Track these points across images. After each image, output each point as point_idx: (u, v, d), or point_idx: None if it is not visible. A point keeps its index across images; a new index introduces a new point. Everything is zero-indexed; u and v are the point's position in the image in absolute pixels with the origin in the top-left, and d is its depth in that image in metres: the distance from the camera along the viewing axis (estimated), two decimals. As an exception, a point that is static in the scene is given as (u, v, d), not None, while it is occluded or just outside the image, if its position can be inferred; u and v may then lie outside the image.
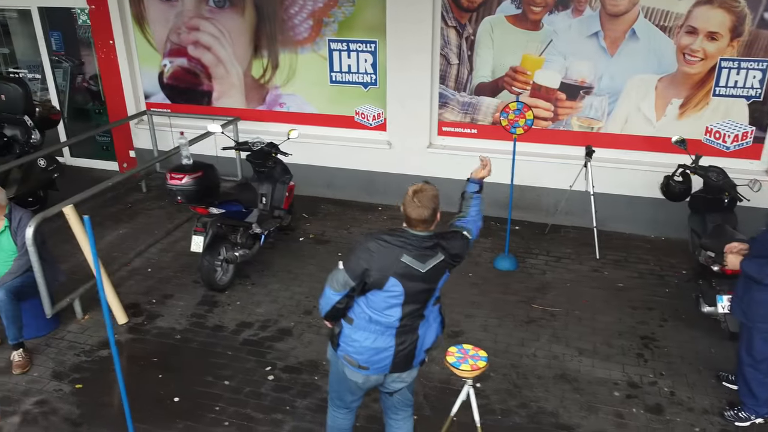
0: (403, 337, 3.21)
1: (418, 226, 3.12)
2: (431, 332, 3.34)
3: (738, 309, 4.06)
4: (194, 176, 5.19)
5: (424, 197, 3.09)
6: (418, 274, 3.08)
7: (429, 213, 3.08)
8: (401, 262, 3.06)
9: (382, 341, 3.20)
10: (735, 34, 6.04)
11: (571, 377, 4.68)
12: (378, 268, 3.06)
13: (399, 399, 3.51)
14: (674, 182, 5.81)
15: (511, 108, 5.68)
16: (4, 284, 4.72)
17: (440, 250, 3.14)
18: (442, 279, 3.20)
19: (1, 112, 7.02)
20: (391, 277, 3.06)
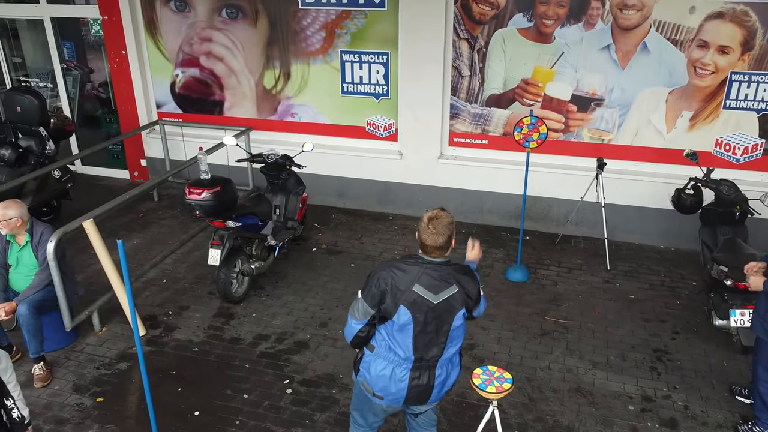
0: (418, 372, 3.20)
1: (433, 252, 3.14)
2: (455, 373, 3.34)
3: (760, 327, 4.08)
4: (213, 191, 5.25)
5: (440, 224, 3.11)
6: (429, 305, 3.08)
7: (444, 240, 3.11)
8: (413, 291, 3.07)
9: (398, 373, 3.20)
10: (746, 48, 6.09)
11: (586, 391, 4.73)
12: (393, 297, 3.08)
13: (424, 420, 3.55)
14: (685, 195, 5.85)
15: (524, 122, 5.73)
16: (26, 299, 4.77)
17: (455, 283, 3.13)
18: (457, 318, 3.14)
19: (16, 123, 7.08)
20: (402, 306, 3.08)
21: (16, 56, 9.20)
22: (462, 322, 3.20)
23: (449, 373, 3.31)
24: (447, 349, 3.21)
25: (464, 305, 3.16)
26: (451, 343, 3.21)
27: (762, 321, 4.06)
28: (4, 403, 3.09)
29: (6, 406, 3.09)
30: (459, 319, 3.16)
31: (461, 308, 3.14)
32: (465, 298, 3.15)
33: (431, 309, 3.08)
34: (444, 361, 3.24)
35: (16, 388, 3.17)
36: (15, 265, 4.93)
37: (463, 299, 3.15)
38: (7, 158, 6.83)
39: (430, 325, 3.11)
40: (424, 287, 3.08)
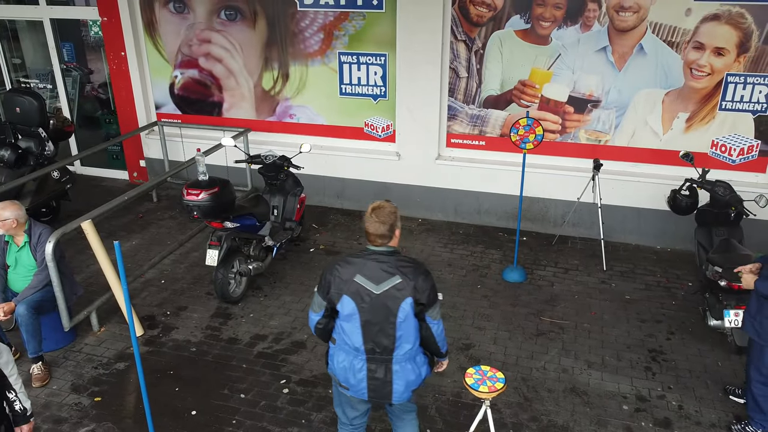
0: (374, 365, 3.27)
1: (375, 241, 3.25)
2: (416, 372, 3.34)
3: (751, 327, 4.11)
4: (211, 192, 5.28)
5: (382, 213, 3.23)
6: (372, 295, 3.17)
7: (386, 228, 3.21)
8: (354, 281, 3.19)
9: (356, 364, 3.29)
10: (741, 50, 6.12)
11: (581, 390, 4.76)
12: (336, 287, 3.22)
13: (399, 408, 3.59)
14: (681, 196, 5.88)
15: (521, 124, 5.76)
16: (25, 299, 4.81)
17: (399, 274, 3.17)
18: (402, 309, 3.17)
19: (16, 124, 7.11)
20: (345, 296, 3.20)
21: (16, 57, 9.24)
22: (409, 315, 3.20)
23: (412, 372, 3.33)
24: (400, 343, 3.24)
25: (413, 297, 3.18)
26: (403, 337, 3.24)
27: (753, 321, 4.09)
28: (7, 396, 3.16)
29: (8, 398, 3.16)
30: (404, 310, 3.18)
31: (406, 298, 3.17)
32: (412, 290, 3.17)
33: (374, 299, 3.17)
34: (401, 357, 3.28)
35: (17, 381, 3.24)
36: (14, 265, 4.96)
37: (411, 290, 3.17)
38: (7, 159, 6.87)
39: (376, 316, 3.18)
40: (366, 277, 3.18)
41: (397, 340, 3.22)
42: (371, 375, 3.27)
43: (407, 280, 3.17)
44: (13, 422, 3.21)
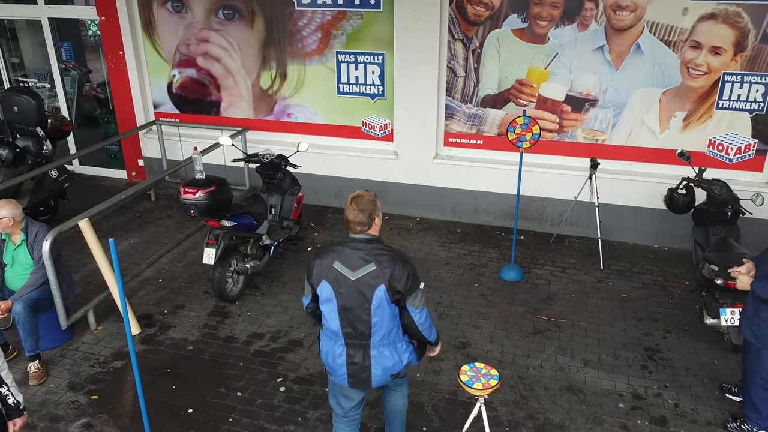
0: (352, 351, 3.38)
1: (354, 228, 3.34)
2: (394, 358, 3.43)
3: (748, 330, 4.09)
4: (207, 191, 5.29)
5: (361, 201, 3.33)
6: (348, 281, 3.28)
7: (365, 216, 3.30)
8: (333, 267, 3.30)
9: (336, 348, 3.43)
10: (738, 49, 6.13)
11: (577, 389, 4.76)
12: (317, 272, 3.36)
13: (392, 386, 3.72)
14: (678, 195, 5.89)
15: (518, 122, 5.77)
16: (22, 297, 4.81)
17: (374, 262, 3.26)
18: (376, 296, 3.26)
19: (14, 123, 7.12)
20: (323, 281, 3.33)
21: (14, 57, 9.25)
22: (385, 302, 3.27)
23: (390, 358, 3.42)
24: (376, 329, 3.33)
25: (386, 285, 3.25)
26: (378, 323, 3.32)
27: (750, 324, 4.07)
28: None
29: (1, 393, 3.15)
30: (378, 297, 3.26)
31: (379, 285, 3.24)
32: (388, 278, 3.24)
33: (350, 285, 3.28)
34: (377, 342, 3.37)
35: (8, 376, 3.25)
36: (10, 264, 4.97)
37: (386, 278, 3.24)
38: (5, 158, 6.88)
39: (351, 301, 3.30)
40: (343, 264, 3.29)
41: (372, 326, 3.32)
42: (350, 360, 3.38)
43: (382, 268, 3.25)
44: (6, 416, 3.22)
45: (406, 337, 3.49)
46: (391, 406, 3.84)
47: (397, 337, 3.43)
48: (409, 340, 3.51)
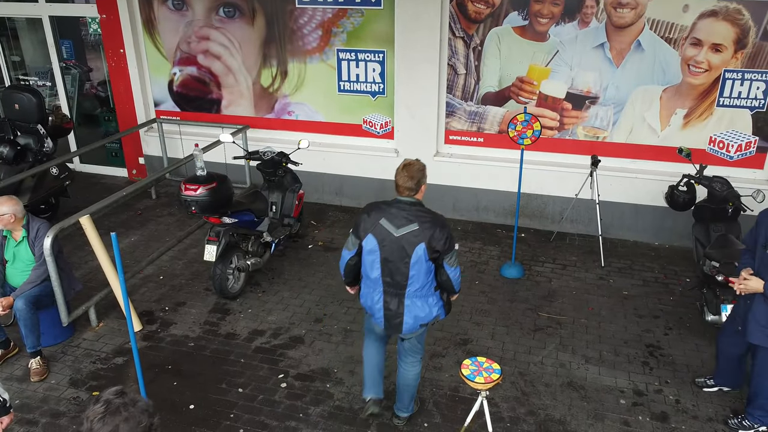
0: (389, 299, 3.81)
1: (403, 192, 3.74)
2: (425, 310, 3.83)
3: (762, 336, 4.01)
4: (208, 187, 5.29)
5: (412, 169, 3.72)
6: (392, 237, 3.68)
7: (413, 183, 3.70)
8: (379, 224, 3.71)
9: (375, 295, 3.86)
10: (739, 46, 6.13)
11: (578, 385, 4.76)
12: (364, 227, 3.77)
13: (409, 346, 4.06)
14: (679, 192, 5.89)
15: (518, 119, 5.77)
16: (23, 294, 4.81)
17: (418, 222, 3.66)
18: (416, 252, 3.64)
19: (15, 121, 7.12)
20: (370, 234, 3.74)
21: (15, 55, 9.25)
22: (423, 259, 3.67)
23: (422, 309, 3.82)
24: (411, 281, 3.74)
25: (426, 244, 3.64)
26: (414, 277, 3.72)
27: (763, 329, 3.99)
28: None
29: None
30: (417, 254, 3.66)
31: (420, 243, 3.64)
32: (428, 238, 3.64)
33: (393, 240, 3.68)
34: (411, 293, 3.77)
35: None
36: (12, 260, 4.97)
37: (427, 237, 3.64)
38: (6, 155, 6.88)
39: (393, 254, 3.70)
40: (389, 221, 3.70)
41: (409, 278, 3.72)
42: (386, 306, 3.83)
43: (423, 228, 3.64)
44: None
45: (437, 293, 3.88)
46: (400, 378, 4.18)
47: (430, 292, 3.82)
48: (439, 296, 3.90)
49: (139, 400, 1.96)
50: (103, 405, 1.92)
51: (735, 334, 4.29)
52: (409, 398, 4.24)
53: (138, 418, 1.91)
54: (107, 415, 1.90)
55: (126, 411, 1.89)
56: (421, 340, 4.07)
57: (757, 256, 4.04)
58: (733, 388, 4.64)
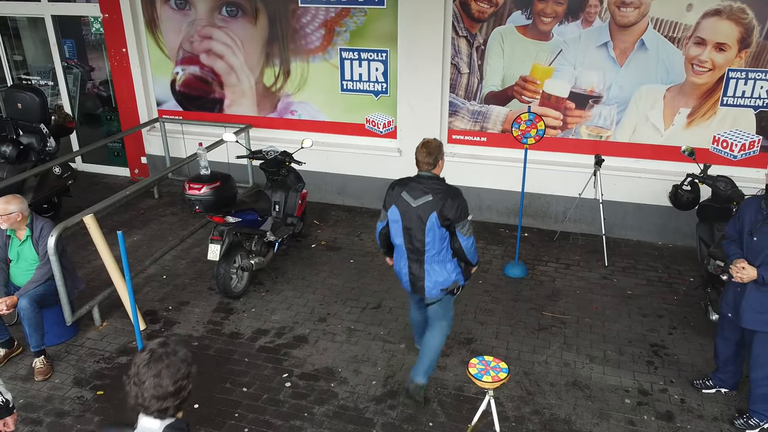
0: (412, 264, 4.28)
1: (423, 167, 4.18)
2: (443, 274, 4.25)
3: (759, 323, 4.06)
4: (212, 186, 5.28)
5: (430, 146, 4.17)
6: (411, 207, 4.13)
7: (431, 158, 4.14)
8: (401, 196, 4.19)
9: (401, 261, 4.35)
10: (743, 45, 6.12)
11: (583, 384, 4.76)
12: (389, 200, 4.27)
13: (433, 313, 4.48)
14: (683, 191, 5.89)
15: (522, 119, 5.77)
16: (27, 293, 4.81)
17: (431, 194, 4.08)
18: (430, 220, 4.08)
19: (17, 120, 7.11)
20: (393, 205, 4.23)
21: (17, 54, 9.25)
22: (436, 226, 4.09)
23: (441, 275, 4.25)
24: (428, 248, 4.18)
25: (439, 212, 4.06)
26: (430, 243, 4.16)
27: (760, 316, 4.03)
28: None
29: None
30: (431, 221, 4.09)
31: (432, 212, 4.06)
32: (440, 207, 4.06)
33: (412, 210, 4.14)
34: (430, 259, 4.21)
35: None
36: (16, 259, 4.96)
37: (439, 207, 4.06)
38: (8, 155, 6.88)
39: (412, 222, 4.16)
40: (408, 194, 4.16)
41: (426, 244, 4.17)
42: (410, 271, 4.31)
43: (436, 199, 4.07)
44: None
45: (455, 260, 4.29)
46: (424, 344, 4.52)
47: (447, 258, 4.25)
48: (457, 263, 4.31)
49: (180, 351, 2.24)
50: (148, 353, 2.18)
51: (729, 328, 4.34)
52: (428, 364, 4.48)
53: (178, 365, 2.19)
54: (152, 362, 2.15)
55: (168, 359, 2.16)
56: (445, 308, 4.45)
57: (744, 244, 4.11)
58: (731, 389, 4.63)
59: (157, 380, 2.14)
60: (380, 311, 5.70)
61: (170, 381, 2.15)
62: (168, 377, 2.15)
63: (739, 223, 4.20)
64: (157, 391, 2.13)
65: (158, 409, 2.15)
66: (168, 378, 2.15)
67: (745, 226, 4.12)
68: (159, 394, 2.14)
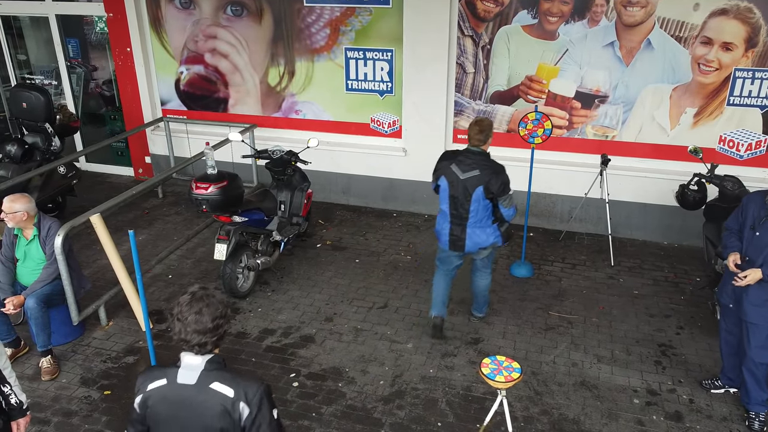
0: (454, 228, 4.85)
1: (473, 142, 4.74)
2: (483, 236, 4.85)
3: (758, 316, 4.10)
4: (219, 186, 5.27)
5: (483, 123, 4.74)
6: (458, 179, 4.69)
7: (482, 135, 4.72)
8: (450, 168, 4.74)
9: (444, 223, 4.92)
10: (750, 45, 6.11)
11: (591, 384, 4.75)
12: (440, 170, 4.84)
13: (480, 264, 5.22)
14: (690, 191, 5.87)
15: (529, 118, 5.76)
16: (34, 292, 4.80)
17: (479, 169, 4.65)
18: (476, 192, 4.66)
19: (22, 119, 7.11)
20: (443, 176, 4.80)
21: (21, 54, 9.24)
22: (481, 198, 4.68)
23: (480, 237, 4.84)
24: (471, 215, 4.76)
25: (485, 186, 4.64)
26: (473, 211, 4.74)
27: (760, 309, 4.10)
28: (1, 390, 3.10)
29: (3, 392, 3.10)
30: (477, 194, 4.67)
31: (479, 186, 4.64)
32: (485, 182, 4.63)
33: (459, 181, 4.71)
34: (472, 224, 4.80)
35: (11, 375, 3.18)
36: (23, 259, 4.95)
37: (484, 182, 4.63)
38: (13, 154, 6.87)
39: (459, 192, 4.73)
40: (457, 166, 4.72)
41: (470, 212, 4.75)
42: (452, 232, 4.88)
43: (482, 174, 4.63)
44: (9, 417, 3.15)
45: (495, 225, 4.88)
46: (474, 286, 5.34)
47: (487, 224, 4.84)
48: (497, 228, 4.88)
49: (218, 294, 2.48)
50: (189, 294, 2.44)
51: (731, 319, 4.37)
52: (483, 301, 5.40)
53: (216, 305, 2.43)
54: (193, 301, 2.40)
55: (207, 299, 2.41)
56: (488, 260, 5.17)
57: (746, 238, 4.15)
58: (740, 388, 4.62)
59: (198, 317, 2.36)
60: (387, 311, 5.69)
61: (209, 318, 2.37)
62: (208, 315, 2.37)
63: (741, 216, 4.22)
64: (198, 326, 2.36)
65: (198, 344, 2.37)
66: (208, 315, 2.37)
67: (747, 220, 4.14)
68: (200, 329, 2.36)
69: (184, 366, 2.42)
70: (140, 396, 2.46)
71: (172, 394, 2.40)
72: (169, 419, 2.42)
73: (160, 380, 2.43)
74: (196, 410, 2.37)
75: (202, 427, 2.37)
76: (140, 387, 2.47)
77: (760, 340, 4.16)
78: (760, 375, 4.24)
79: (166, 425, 2.43)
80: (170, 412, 2.41)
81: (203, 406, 2.36)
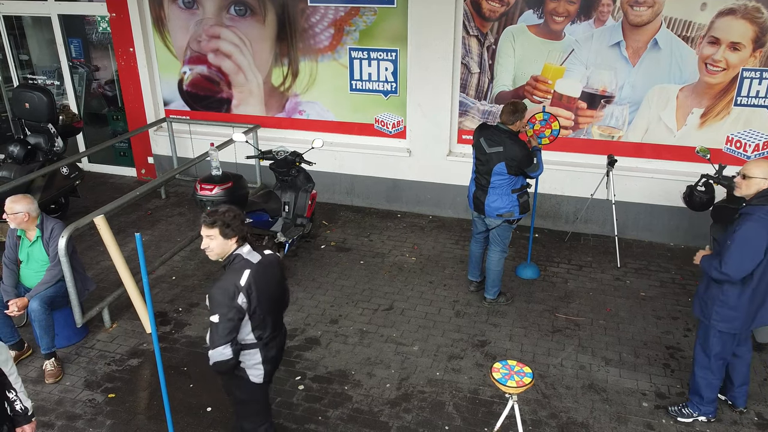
0: (478, 192, 5.37)
1: (503, 119, 5.19)
2: (501, 202, 5.27)
3: (697, 307, 4.15)
4: (224, 187, 5.24)
5: (517, 105, 5.14)
6: (485, 151, 5.20)
7: (512, 116, 5.14)
8: (479, 141, 5.25)
9: (472, 187, 5.47)
10: (757, 45, 6.07)
11: (599, 387, 4.70)
12: (473, 144, 5.37)
13: (492, 237, 5.53)
14: (697, 192, 5.81)
15: (537, 118, 5.72)
16: (38, 294, 4.76)
17: (503, 146, 5.10)
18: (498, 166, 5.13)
19: (25, 120, 7.07)
20: (473, 147, 5.35)
21: (23, 54, 9.20)
22: (503, 171, 5.14)
23: (499, 203, 5.27)
24: (493, 184, 5.22)
25: (506, 161, 5.09)
26: (494, 181, 5.21)
27: (699, 300, 4.12)
28: (7, 396, 3.05)
29: (8, 398, 3.06)
30: (499, 167, 5.13)
31: (501, 162, 5.11)
32: (507, 158, 5.09)
33: (485, 153, 5.21)
34: (492, 191, 5.26)
35: (17, 381, 3.13)
36: (26, 260, 4.91)
37: (507, 157, 5.09)
38: (16, 155, 6.84)
39: (483, 162, 5.25)
40: (485, 140, 5.21)
41: (491, 181, 5.23)
42: (476, 196, 5.41)
43: (506, 150, 5.09)
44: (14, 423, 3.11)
45: (515, 195, 5.25)
46: (487, 262, 5.63)
47: (507, 192, 5.24)
48: (516, 198, 5.25)
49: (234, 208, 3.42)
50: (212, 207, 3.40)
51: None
52: (491, 282, 5.64)
53: (234, 212, 3.36)
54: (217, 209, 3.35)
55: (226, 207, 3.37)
56: (502, 236, 5.46)
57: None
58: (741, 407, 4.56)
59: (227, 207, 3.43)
60: (392, 313, 5.65)
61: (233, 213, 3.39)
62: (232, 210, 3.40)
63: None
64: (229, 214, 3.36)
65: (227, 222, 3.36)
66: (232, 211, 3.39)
67: None
68: (233, 212, 3.40)
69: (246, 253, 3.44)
70: (241, 292, 3.23)
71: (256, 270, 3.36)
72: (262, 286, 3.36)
73: (246, 270, 3.31)
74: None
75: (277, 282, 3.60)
76: (234, 288, 3.23)
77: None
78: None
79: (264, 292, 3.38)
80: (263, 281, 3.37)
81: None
